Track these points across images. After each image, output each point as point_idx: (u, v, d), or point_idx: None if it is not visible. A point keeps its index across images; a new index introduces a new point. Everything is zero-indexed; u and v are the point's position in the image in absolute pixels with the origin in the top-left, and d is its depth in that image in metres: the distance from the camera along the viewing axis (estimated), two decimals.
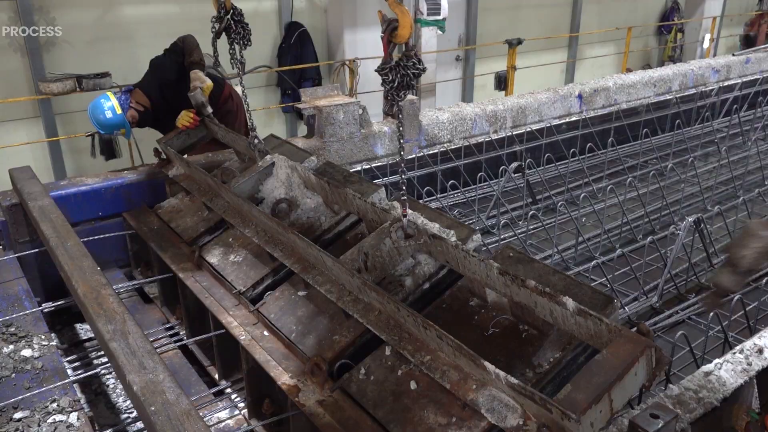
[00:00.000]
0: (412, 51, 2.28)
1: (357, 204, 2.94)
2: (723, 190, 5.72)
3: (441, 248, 2.51)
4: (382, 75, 2.32)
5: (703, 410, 2.32)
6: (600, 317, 1.95)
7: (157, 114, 4.27)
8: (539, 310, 2.17)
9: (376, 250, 2.53)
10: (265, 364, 2.53)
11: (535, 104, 6.23)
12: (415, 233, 2.55)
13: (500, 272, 2.24)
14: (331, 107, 4.74)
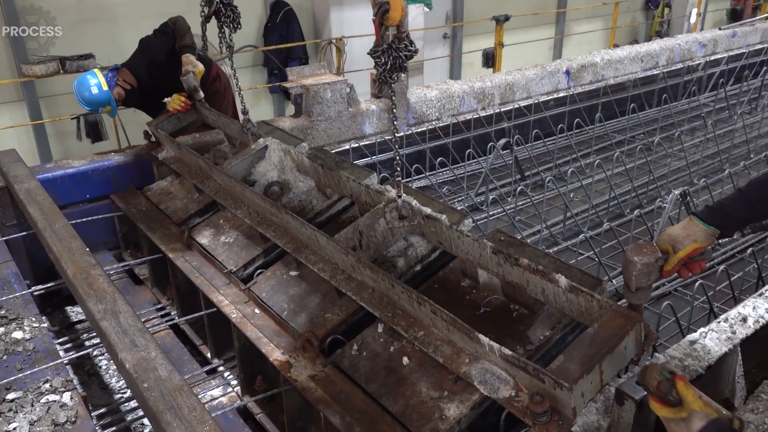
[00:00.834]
0: (403, 33, 2.29)
1: (351, 186, 2.95)
2: (709, 163, 5.76)
3: (435, 229, 2.54)
4: (374, 58, 2.32)
5: (688, 378, 2.37)
6: (591, 293, 1.99)
7: (143, 94, 4.23)
8: (531, 288, 2.21)
9: (371, 230, 2.54)
10: (257, 341, 2.55)
11: (523, 81, 6.23)
12: (409, 214, 2.58)
13: (493, 251, 2.27)
14: (318, 86, 4.71)
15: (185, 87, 3.95)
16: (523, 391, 1.85)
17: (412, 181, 5.04)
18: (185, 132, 4.10)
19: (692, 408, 1.61)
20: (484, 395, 2.07)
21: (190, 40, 4.09)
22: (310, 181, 3.27)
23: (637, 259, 1.77)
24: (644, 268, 1.79)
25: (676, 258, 1.80)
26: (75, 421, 2.03)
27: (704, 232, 1.78)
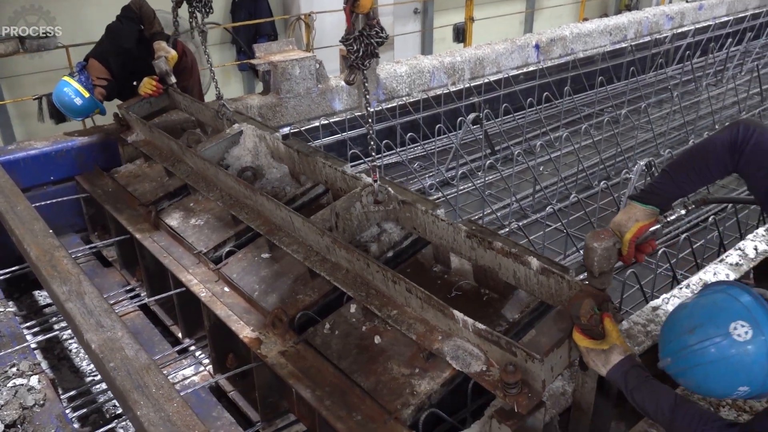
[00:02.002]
0: (374, 20, 2.30)
1: (326, 172, 2.96)
2: (675, 135, 5.85)
3: (410, 214, 2.56)
4: (346, 45, 2.34)
5: (651, 342, 2.44)
6: (562, 275, 2.04)
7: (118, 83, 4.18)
8: (503, 271, 2.25)
9: (346, 213, 2.56)
10: (227, 319, 2.56)
11: (493, 55, 6.23)
12: (385, 199, 2.60)
13: (468, 235, 2.31)
14: (286, 62, 4.66)
15: (157, 71, 3.90)
16: (494, 366, 1.89)
17: (383, 157, 5.04)
18: (156, 117, 4.05)
19: (614, 343, 1.75)
20: (455, 372, 2.14)
21: (160, 27, 4.04)
22: (284, 168, 3.28)
23: (597, 245, 1.85)
24: (604, 252, 1.86)
25: (626, 240, 1.87)
26: (43, 403, 2.02)
27: (643, 212, 1.87)
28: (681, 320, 1.54)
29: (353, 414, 2.07)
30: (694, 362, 1.48)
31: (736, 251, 2.96)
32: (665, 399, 1.67)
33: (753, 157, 1.73)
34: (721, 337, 1.43)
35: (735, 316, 1.44)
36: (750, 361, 1.41)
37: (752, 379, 1.42)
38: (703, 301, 1.53)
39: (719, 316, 1.46)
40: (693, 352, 1.47)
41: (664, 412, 1.67)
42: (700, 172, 1.83)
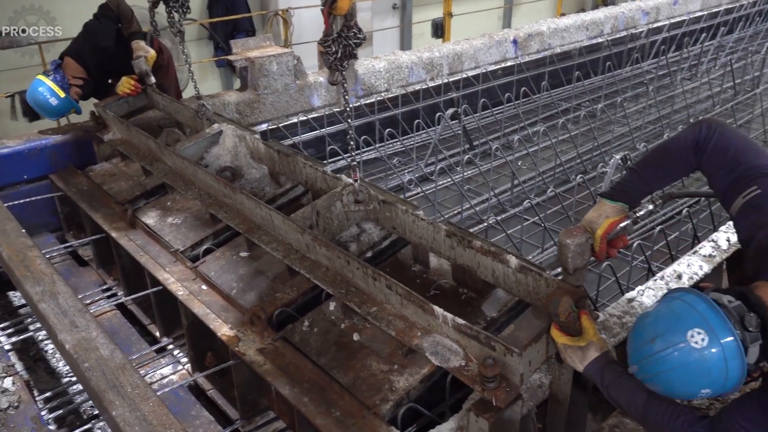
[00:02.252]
0: (352, 21, 2.32)
1: (306, 172, 2.96)
2: (651, 129, 5.92)
3: (390, 214, 2.58)
4: (325, 47, 2.35)
5: (626, 334, 2.47)
6: (540, 272, 2.07)
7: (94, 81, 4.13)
8: (481, 270, 2.28)
9: (327, 212, 2.57)
10: (205, 317, 2.54)
11: (471, 50, 6.25)
12: (365, 198, 2.61)
13: (447, 234, 2.33)
14: (263, 58, 4.64)
15: (136, 71, 3.87)
16: (473, 362, 1.90)
17: (362, 153, 5.03)
18: (134, 116, 4.02)
19: (591, 339, 1.81)
20: (434, 369, 2.17)
21: (138, 26, 4.00)
22: (264, 169, 3.27)
23: (570, 242, 1.90)
24: (578, 248, 1.91)
25: (598, 237, 1.92)
26: (18, 405, 2.00)
27: (613, 208, 1.93)
28: (644, 329, 1.59)
29: (332, 410, 2.08)
30: (657, 369, 1.53)
31: (710, 243, 3.01)
32: (638, 394, 1.73)
33: (714, 156, 1.79)
34: (680, 345, 1.48)
35: (692, 324, 1.48)
36: (708, 366, 1.46)
37: (712, 381, 1.47)
38: (663, 310, 1.58)
39: (677, 324, 1.51)
40: (656, 361, 1.53)
41: (637, 407, 1.72)
42: (666, 170, 1.90)
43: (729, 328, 1.45)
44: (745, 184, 1.73)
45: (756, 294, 1.52)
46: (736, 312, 1.47)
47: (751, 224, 1.71)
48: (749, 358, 1.46)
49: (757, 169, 1.73)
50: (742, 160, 1.75)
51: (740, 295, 1.52)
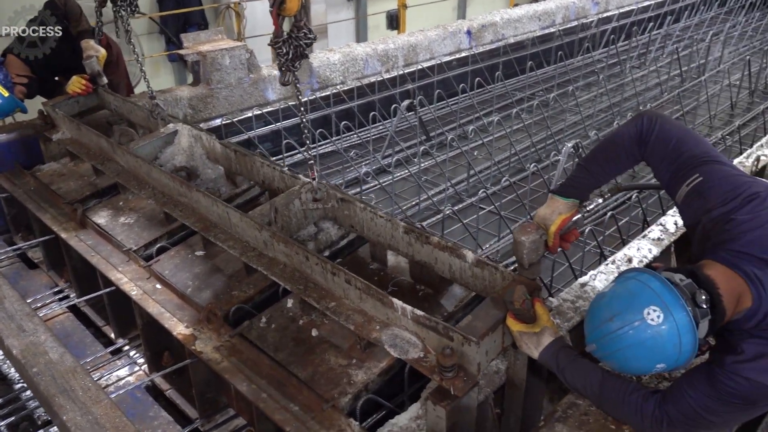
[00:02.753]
0: (302, 22, 2.31)
1: (264, 172, 2.95)
2: (603, 116, 6.04)
3: (348, 212, 2.59)
4: (275, 49, 2.35)
5: (580, 318, 2.52)
6: (495, 266, 2.12)
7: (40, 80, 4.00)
8: (439, 266, 2.32)
9: (285, 209, 2.56)
10: (160, 316, 2.51)
11: (426, 42, 6.27)
12: (324, 196, 2.62)
13: (405, 231, 2.36)
14: (215, 52, 4.57)
15: (88, 71, 3.78)
16: (431, 353, 1.93)
17: (318, 147, 5.01)
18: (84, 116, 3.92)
19: (545, 325, 1.87)
20: (392, 362, 2.20)
21: (87, 25, 3.92)
22: (220, 169, 3.25)
23: (524, 239, 1.96)
24: (532, 245, 1.97)
25: (551, 233, 2.00)
26: None
27: (564, 205, 2.00)
28: (601, 309, 1.65)
29: (291, 405, 2.07)
30: (616, 347, 1.59)
31: (658, 227, 3.09)
32: (593, 375, 1.80)
33: (656, 148, 1.87)
34: (637, 322, 1.54)
35: (647, 301, 1.55)
36: (663, 341, 1.52)
37: (667, 356, 1.54)
38: (619, 290, 1.64)
39: (633, 303, 1.57)
40: (614, 338, 1.59)
41: (593, 387, 1.79)
42: (612, 163, 1.98)
43: (682, 304, 1.51)
44: (688, 172, 1.80)
45: (704, 272, 1.60)
46: (687, 289, 1.54)
47: (695, 210, 1.78)
48: (700, 333, 1.53)
49: (698, 158, 1.81)
50: (683, 149, 1.83)
51: (690, 273, 1.59)
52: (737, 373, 1.56)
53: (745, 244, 1.61)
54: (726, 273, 1.60)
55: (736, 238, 1.63)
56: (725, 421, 1.68)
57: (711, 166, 1.79)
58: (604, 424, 1.86)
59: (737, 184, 1.73)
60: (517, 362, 2.07)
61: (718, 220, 1.70)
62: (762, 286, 1.56)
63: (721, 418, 1.64)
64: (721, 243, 1.66)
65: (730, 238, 1.64)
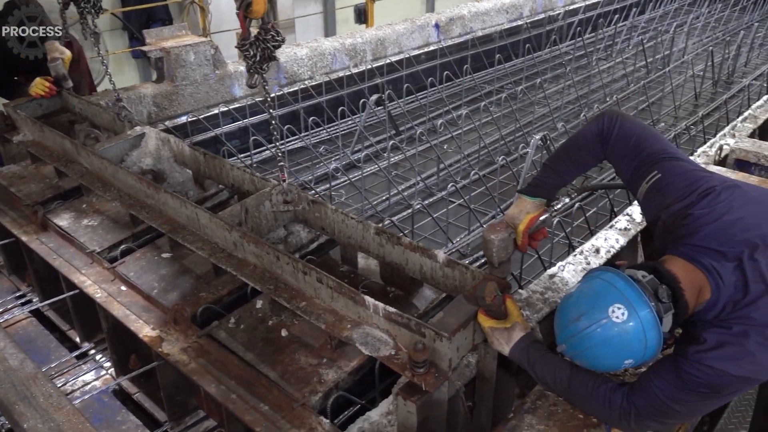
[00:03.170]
0: (269, 24, 2.31)
1: (234, 175, 2.93)
2: (570, 108, 6.10)
3: (319, 214, 2.58)
4: (243, 51, 2.34)
5: (549, 309, 2.54)
6: (466, 266, 2.15)
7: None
8: (410, 267, 2.33)
9: (256, 210, 2.55)
10: (125, 319, 2.46)
11: (394, 36, 6.25)
12: (294, 199, 2.61)
13: (377, 232, 2.37)
14: (179, 48, 4.49)
15: (53, 74, 3.69)
16: (403, 350, 1.92)
17: (286, 143, 4.96)
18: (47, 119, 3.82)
19: (516, 321, 1.91)
20: (363, 361, 2.22)
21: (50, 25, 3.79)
22: (188, 173, 3.21)
23: (494, 237, 1.99)
24: (501, 243, 2.00)
25: (520, 231, 2.04)
26: None
27: (532, 204, 2.04)
28: (569, 309, 1.69)
29: (261, 405, 2.05)
30: (584, 345, 1.63)
31: (625, 217, 3.13)
32: (562, 369, 1.83)
33: (617, 146, 1.92)
34: (603, 321, 1.58)
35: (612, 300, 1.59)
36: (629, 338, 1.57)
37: (634, 352, 1.58)
38: (584, 290, 1.68)
39: (599, 302, 1.61)
40: (582, 337, 1.63)
41: (562, 381, 1.82)
42: (575, 162, 2.03)
43: (645, 301, 1.55)
44: (647, 169, 1.85)
45: (666, 267, 1.63)
46: (650, 286, 1.58)
47: (656, 207, 1.83)
48: (664, 327, 1.57)
49: (657, 155, 1.86)
50: (642, 147, 1.88)
51: (652, 269, 1.62)
52: (700, 362, 1.58)
53: (702, 238, 1.65)
54: (686, 267, 1.63)
55: (694, 232, 1.67)
56: (691, 410, 1.71)
57: (669, 163, 1.83)
58: (573, 414, 1.88)
59: (694, 180, 1.77)
60: (487, 355, 2.07)
61: (676, 215, 1.74)
62: (720, 278, 1.60)
63: (687, 407, 1.67)
64: (680, 238, 1.70)
65: (689, 232, 1.68)
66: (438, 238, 3.99)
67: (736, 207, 1.68)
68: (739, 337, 1.57)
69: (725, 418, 3.19)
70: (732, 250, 1.62)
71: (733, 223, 1.65)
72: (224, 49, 4.97)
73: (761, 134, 4.22)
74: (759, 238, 1.62)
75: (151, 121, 4.44)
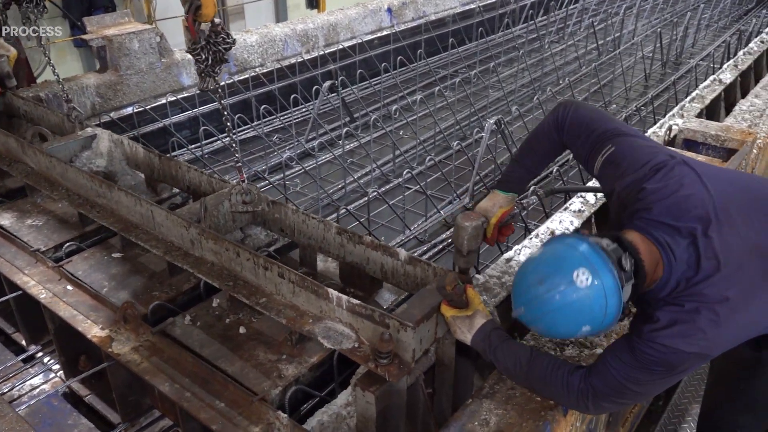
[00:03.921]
0: (219, 26, 2.27)
1: (190, 176, 2.86)
2: (524, 92, 6.13)
3: (279, 215, 2.55)
4: (194, 55, 2.30)
5: (506, 293, 2.55)
6: (428, 263, 2.15)
7: None
8: (370, 266, 2.32)
9: (215, 209, 2.49)
10: (72, 319, 2.37)
11: (346, 21, 6.17)
12: (253, 199, 2.57)
13: (338, 231, 2.35)
14: (122, 36, 4.34)
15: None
16: (365, 344, 1.90)
17: (238, 132, 4.85)
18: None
19: (477, 308, 1.91)
20: (324, 357, 2.20)
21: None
22: (140, 176, 3.15)
23: (468, 224, 2.02)
24: (474, 231, 2.03)
25: (491, 224, 2.10)
26: None
27: (504, 198, 2.12)
28: (530, 273, 1.67)
29: (216, 402, 2.00)
30: (543, 310, 1.61)
31: (579, 199, 3.16)
32: (523, 353, 1.84)
33: (572, 130, 1.99)
34: (565, 285, 1.56)
35: (576, 264, 1.56)
36: (590, 303, 1.55)
37: (593, 318, 1.57)
38: (547, 254, 1.66)
39: (562, 266, 1.59)
40: (543, 301, 1.60)
41: (522, 365, 1.82)
42: (538, 154, 2.12)
43: (609, 268, 1.54)
44: (601, 145, 1.90)
45: (627, 238, 1.63)
46: (614, 254, 1.57)
47: (610, 178, 1.86)
48: (624, 297, 1.56)
49: (610, 132, 1.91)
50: (595, 126, 1.94)
51: (615, 238, 1.63)
52: (654, 341, 1.60)
53: (656, 213, 1.66)
54: (644, 241, 1.65)
55: (648, 207, 1.68)
56: (647, 390, 1.74)
57: (622, 138, 1.87)
58: (531, 398, 1.89)
59: (645, 153, 1.80)
60: (446, 342, 2.06)
61: (630, 188, 1.76)
62: (672, 254, 1.62)
63: (644, 387, 1.69)
64: (635, 212, 1.71)
65: (643, 207, 1.69)
66: (395, 225, 3.97)
67: (688, 183, 1.69)
68: (691, 314, 1.59)
69: (678, 393, 3.28)
70: (685, 225, 1.63)
71: (686, 199, 1.66)
72: (170, 36, 4.82)
73: (708, 114, 4.32)
74: (712, 214, 1.64)
75: (96, 112, 4.28)
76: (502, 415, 1.85)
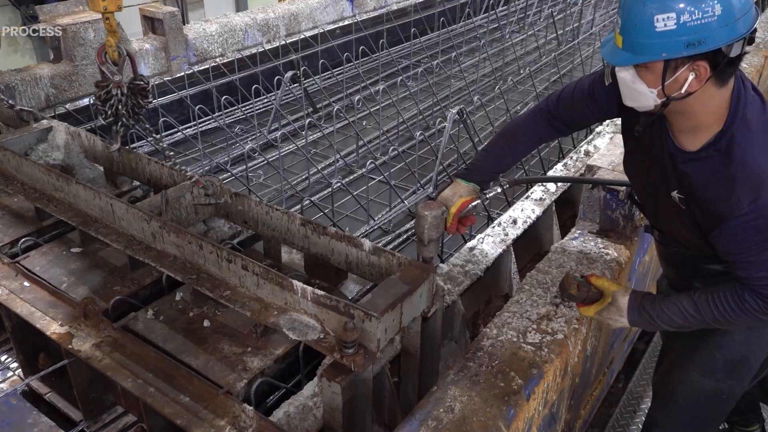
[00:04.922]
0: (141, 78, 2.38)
1: (151, 169, 2.80)
2: (486, 81, 6.19)
3: (242, 207, 2.52)
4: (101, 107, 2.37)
5: (470, 281, 2.59)
6: (393, 253, 2.13)
7: None
8: (335, 257, 2.30)
9: (176, 202, 2.45)
10: (29, 316, 2.32)
11: (308, 10, 6.13)
12: (216, 192, 2.54)
13: (302, 223, 2.32)
14: (77, 25, 4.22)
15: None
16: (330, 335, 1.90)
17: (199, 124, 4.78)
18: None
19: (612, 291, 1.87)
20: (289, 349, 2.19)
21: None
22: (99, 170, 3.08)
23: (428, 213, 2.04)
24: (434, 221, 2.05)
25: (451, 213, 2.10)
26: None
27: (466, 188, 2.12)
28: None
29: (181, 396, 1.99)
30: None
31: (540, 187, 3.21)
32: (685, 305, 1.79)
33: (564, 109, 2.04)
34: None
35: None
36: None
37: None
38: None
39: None
40: None
41: (691, 314, 1.79)
42: (512, 147, 2.14)
43: None
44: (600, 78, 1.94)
45: None
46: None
47: None
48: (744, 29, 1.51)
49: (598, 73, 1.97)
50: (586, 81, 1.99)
51: None
52: (757, 205, 1.57)
53: None
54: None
55: None
56: None
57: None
58: (494, 383, 1.92)
59: None
60: (411, 330, 2.08)
61: None
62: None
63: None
64: None
65: None
66: (359, 216, 3.98)
67: None
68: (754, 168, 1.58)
69: (637, 376, 3.38)
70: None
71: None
72: (126, 26, 4.70)
73: None
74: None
75: (50, 104, 4.16)
76: (467, 401, 1.88)
